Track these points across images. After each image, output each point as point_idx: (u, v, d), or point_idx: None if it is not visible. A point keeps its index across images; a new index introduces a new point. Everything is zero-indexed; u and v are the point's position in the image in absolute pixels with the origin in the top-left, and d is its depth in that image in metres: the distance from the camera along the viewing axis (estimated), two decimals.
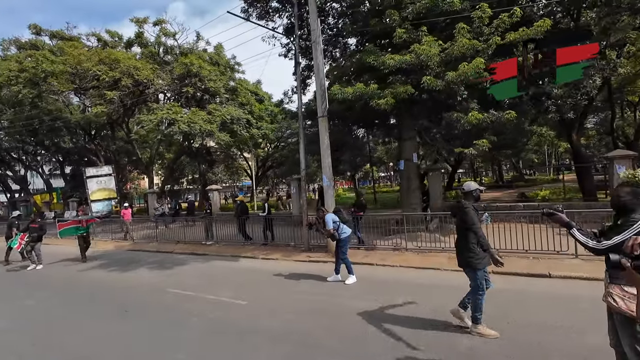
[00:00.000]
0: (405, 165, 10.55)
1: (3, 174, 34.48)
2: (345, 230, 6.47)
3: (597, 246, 2.42)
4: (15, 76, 18.71)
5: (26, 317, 5.81)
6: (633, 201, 2.44)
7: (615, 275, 2.44)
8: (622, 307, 2.39)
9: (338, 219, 6.47)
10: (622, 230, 2.39)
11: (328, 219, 6.35)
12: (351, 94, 8.06)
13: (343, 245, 6.43)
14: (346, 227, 6.52)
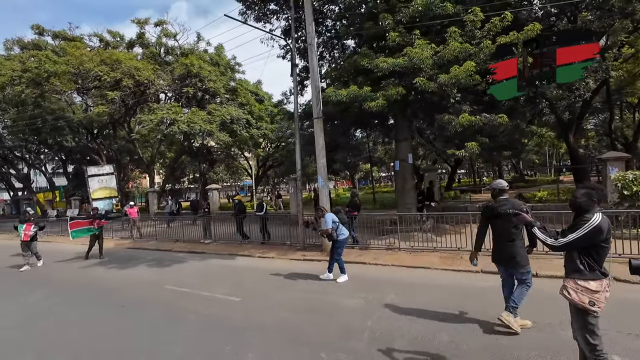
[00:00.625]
0: (401, 165, 10.69)
1: (6, 173, 34.85)
2: (343, 232, 6.51)
3: (554, 243, 2.65)
4: (18, 76, 18.98)
5: (30, 313, 6.01)
6: (587, 202, 2.63)
7: (571, 270, 2.66)
8: (575, 299, 2.60)
9: (338, 219, 6.50)
10: (576, 228, 2.58)
11: (328, 218, 6.41)
12: (345, 96, 8.21)
13: (340, 247, 6.49)
14: (344, 229, 6.57)
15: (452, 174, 28.12)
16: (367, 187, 44.42)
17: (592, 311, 2.58)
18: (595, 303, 2.56)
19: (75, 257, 11.30)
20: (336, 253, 6.48)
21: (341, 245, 6.50)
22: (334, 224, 6.36)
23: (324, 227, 6.38)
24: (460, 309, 4.79)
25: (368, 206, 20.72)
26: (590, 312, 2.58)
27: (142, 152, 26.59)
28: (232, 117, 18.21)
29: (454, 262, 7.33)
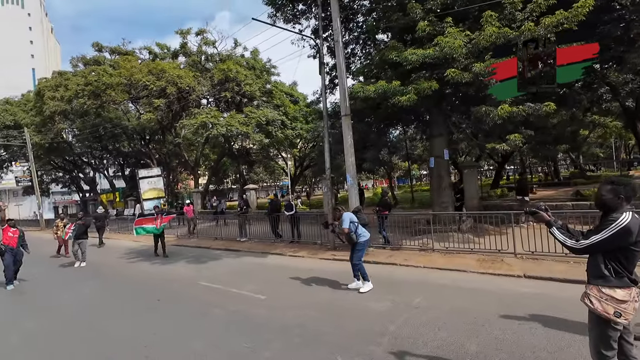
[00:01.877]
0: (436, 162, 10.16)
1: (76, 176, 39.18)
2: (364, 234, 5.94)
3: (575, 245, 2.33)
4: (81, 89, 21.20)
5: (80, 302, 6.65)
6: (613, 200, 2.27)
7: (594, 275, 2.31)
8: (598, 308, 2.28)
9: (357, 219, 5.98)
10: (601, 229, 2.23)
11: (345, 218, 5.86)
12: (373, 91, 7.96)
13: (360, 250, 5.92)
14: (365, 231, 6.00)
15: (498, 170, 26.22)
16: (406, 185, 43.02)
17: (617, 323, 2.22)
18: (622, 314, 2.20)
19: (127, 252, 12.32)
20: (355, 257, 5.89)
21: (362, 249, 5.93)
22: (352, 224, 5.80)
23: (342, 227, 5.82)
24: (495, 317, 4.39)
25: (405, 205, 20.04)
26: (614, 324, 2.22)
27: (188, 155, 28.29)
28: (267, 118, 18.66)
29: (493, 265, 6.77)
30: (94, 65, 22.42)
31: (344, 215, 5.93)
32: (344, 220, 5.81)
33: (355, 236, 5.78)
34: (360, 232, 5.87)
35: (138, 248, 13.42)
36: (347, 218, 5.85)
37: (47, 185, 41.88)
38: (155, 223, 10.56)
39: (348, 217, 5.89)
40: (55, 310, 6.18)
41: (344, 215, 5.93)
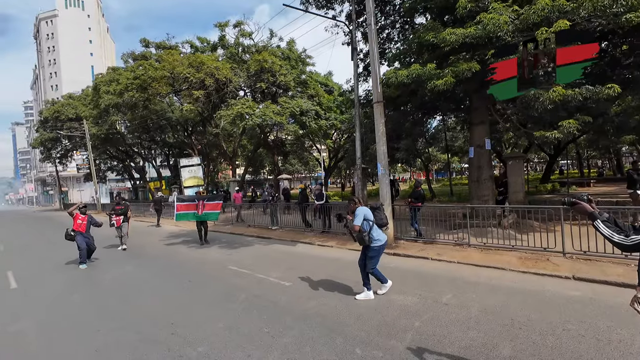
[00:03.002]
0: (476, 152, 9.47)
1: (128, 165, 42.44)
2: (379, 238, 4.92)
3: (624, 241, 1.96)
4: (130, 83, 22.69)
5: (119, 280, 7.14)
6: None
7: None
8: None
9: (372, 217, 4.95)
10: None
11: (359, 212, 4.83)
12: (406, 76, 7.53)
13: (374, 256, 4.93)
14: (381, 234, 5.00)
15: (550, 163, 24.09)
16: (446, 179, 41.12)
17: None
18: None
19: (168, 236, 13.09)
20: (370, 263, 4.95)
21: (375, 255, 4.94)
22: (366, 222, 4.83)
23: (354, 223, 4.82)
24: (535, 320, 3.98)
25: (443, 198, 19.17)
26: None
27: (227, 146, 29.32)
28: (301, 109, 18.64)
29: (536, 264, 6.18)
30: (141, 60, 23.82)
31: (359, 209, 4.88)
32: (357, 215, 4.82)
33: (368, 238, 4.81)
34: (374, 235, 4.88)
35: (178, 232, 14.21)
36: (360, 213, 4.83)
37: (103, 173, 45.90)
38: (197, 209, 10.37)
39: (362, 212, 4.85)
40: (98, 286, 6.68)
41: (359, 209, 4.88)
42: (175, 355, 3.60)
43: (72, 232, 8.42)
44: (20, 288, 6.81)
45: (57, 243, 13.53)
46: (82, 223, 8.56)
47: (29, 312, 5.31)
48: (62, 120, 35.43)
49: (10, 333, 4.50)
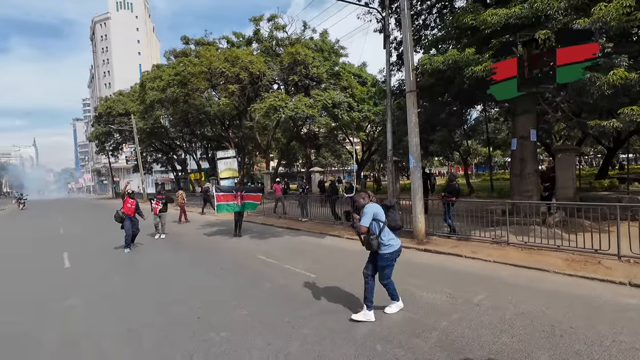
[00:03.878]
0: (519, 144, 8.78)
1: (171, 157, 45.02)
2: (391, 243, 4.00)
3: None
4: (172, 79, 23.85)
5: (155, 266, 7.57)
6: None
7: None
8: None
9: (384, 217, 4.03)
10: None
11: (368, 210, 3.97)
12: (442, 62, 7.08)
13: (386, 266, 4.07)
14: (394, 238, 4.07)
15: (608, 157, 21.82)
16: (486, 173, 38.83)
17: None
18: None
19: (205, 225, 13.70)
20: (382, 275, 4.11)
21: (388, 264, 4.06)
22: (376, 223, 3.97)
23: (360, 222, 3.99)
24: (580, 327, 3.59)
25: (482, 194, 18.13)
26: None
27: (261, 139, 29.97)
28: (333, 101, 18.47)
29: (585, 266, 5.60)
30: (181, 57, 24.90)
31: (368, 207, 4.01)
32: (366, 214, 3.95)
33: (377, 242, 3.95)
34: (385, 239, 3.98)
35: (214, 221, 14.82)
36: (369, 212, 3.96)
37: (149, 165, 49.14)
38: (235, 200, 10.23)
39: (372, 210, 3.97)
40: (138, 269, 7.14)
41: (368, 207, 4.01)
42: (200, 339, 3.73)
43: (122, 214, 8.95)
44: (72, 268, 7.47)
45: (107, 228, 14.67)
46: (131, 207, 9.08)
47: (78, 290, 5.79)
48: (113, 116, 38.29)
49: (63, 308, 4.94)
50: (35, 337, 3.99)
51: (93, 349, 3.66)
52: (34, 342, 3.87)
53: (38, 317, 4.64)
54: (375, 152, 30.97)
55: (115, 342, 3.80)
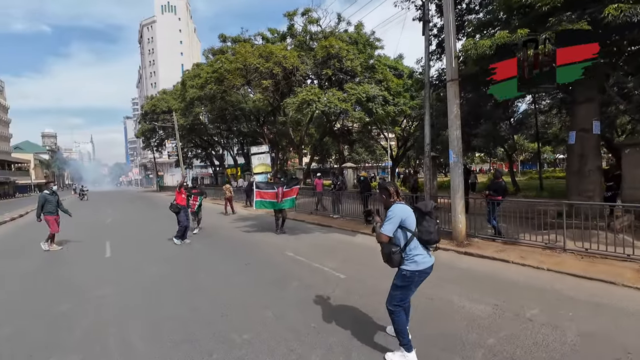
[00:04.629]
0: (579, 138, 7.77)
1: (209, 153, 46.82)
2: (416, 258, 2.99)
3: None
4: (210, 77, 24.55)
5: (187, 256, 7.69)
6: None
7: None
8: None
9: (413, 225, 3.01)
10: None
11: (394, 214, 2.96)
12: (489, 47, 6.38)
13: (403, 286, 3.05)
14: (424, 254, 3.03)
15: None
16: (534, 171, 36.05)
17: None
18: None
19: (238, 219, 13.92)
20: (393, 297, 3.11)
21: (407, 284, 3.05)
22: (401, 232, 2.99)
23: (382, 229, 3.01)
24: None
25: (530, 193, 16.69)
26: None
27: (294, 135, 30.05)
28: (367, 95, 17.88)
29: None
30: (219, 55, 25.53)
31: (395, 209, 2.99)
32: (390, 218, 2.96)
33: (399, 255, 2.98)
34: (411, 253, 2.98)
35: (247, 215, 15.03)
36: (396, 216, 2.95)
37: (190, 160, 51.52)
38: (277, 198, 9.85)
39: (399, 215, 2.95)
40: (172, 261, 7.26)
41: (395, 209, 2.99)
42: (221, 340, 3.58)
43: (177, 205, 9.02)
44: (112, 257, 7.81)
45: (149, 220, 15.41)
46: (185, 198, 9.26)
47: (113, 280, 5.97)
48: (157, 113, 40.49)
49: (96, 296, 5.08)
50: (67, 323, 4.09)
51: (116, 339, 3.65)
52: (67, 327, 3.96)
53: (75, 303, 4.80)
54: (411, 147, 29.83)
55: (137, 333, 3.78)
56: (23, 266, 7.20)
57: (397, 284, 3.10)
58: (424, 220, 3.05)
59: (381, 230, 3.01)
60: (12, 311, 4.65)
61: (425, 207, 3.09)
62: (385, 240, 3.01)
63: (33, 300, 5.04)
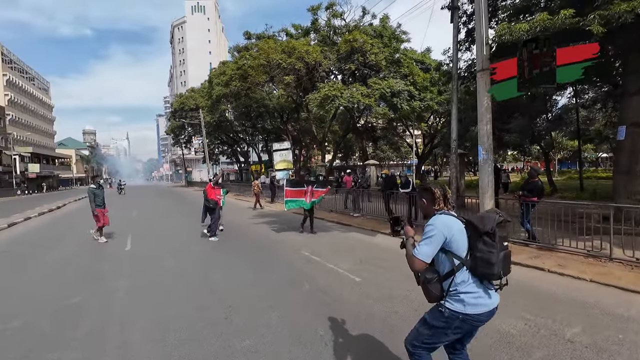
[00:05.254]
0: (629, 133, 6.91)
1: (235, 149, 47.67)
2: (467, 297, 2.02)
3: None
4: (234, 73, 24.81)
5: (202, 251, 7.64)
6: None
7: None
8: None
9: (464, 250, 2.03)
10: None
11: (434, 229, 2.03)
12: (526, 31, 5.75)
13: (442, 325, 2.09)
14: (480, 293, 2.04)
15: None
16: (573, 170, 33.65)
17: None
18: None
19: (257, 215, 13.89)
20: (413, 335, 2.27)
21: (443, 326, 2.09)
22: (445, 257, 2.06)
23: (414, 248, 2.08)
24: None
25: (569, 194, 15.42)
26: None
27: (317, 132, 29.80)
28: (392, 90, 17.26)
29: None
30: (243, 52, 25.73)
31: (436, 220, 2.08)
32: (428, 236, 2.04)
33: (439, 288, 2.09)
34: (460, 289, 2.03)
35: (267, 212, 14.98)
36: (437, 232, 2.02)
37: (216, 156, 52.75)
38: (305, 196, 9.34)
39: (441, 231, 2.02)
40: (187, 256, 7.24)
41: (436, 220, 2.08)
42: (222, 345, 3.37)
43: (211, 202, 9.01)
44: (131, 250, 7.92)
45: (174, 215, 15.74)
46: (219, 195, 9.23)
47: (128, 273, 6.00)
48: (185, 111, 41.71)
49: (106, 290, 5.08)
50: (74, 317, 4.06)
51: (118, 339, 3.55)
52: (72, 322, 3.92)
53: (86, 296, 4.81)
54: (438, 145, 28.68)
55: (141, 332, 3.66)
56: (52, 256, 7.46)
57: (429, 320, 2.14)
58: (481, 243, 1.95)
59: (415, 252, 2.02)
60: (27, 302, 4.73)
61: (483, 223, 1.96)
62: (419, 268, 2.06)
63: (49, 292, 5.11)
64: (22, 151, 49.84)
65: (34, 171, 52.09)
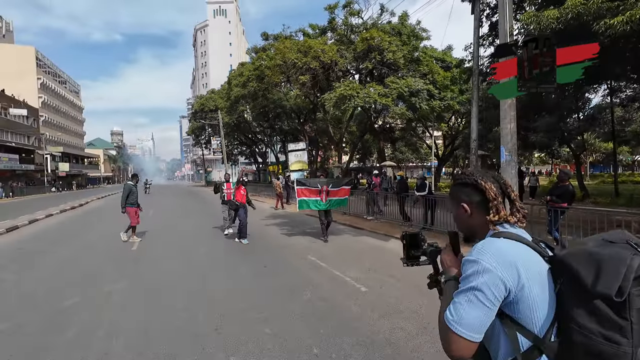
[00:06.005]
0: None
1: (253, 150, 48.09)
2: None
3: None
4: (251, 74, 24.89)
5: (209, 255, 7.47)
6: None
7: None
8: None
9: (544, 308, 0.95)
10: None
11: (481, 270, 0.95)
12: (556, 19, 5.18)
13: None
14: None
15: None
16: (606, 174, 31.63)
17: None
18: None
19: (268, 216, 13.70)
20: None
21: None
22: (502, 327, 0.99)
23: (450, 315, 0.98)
24: None
25: (602, 199, 14.32)
26: None
27: (334, 133, 29.44)
28: (410, 89, 16.66)
29: None
30: (261, 52, 25.79)
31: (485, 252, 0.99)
32: (472, 286, 0.96)
33: None
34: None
35: (281, 213, 14.78)
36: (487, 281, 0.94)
37: (235, 157, 53.44)
38: (320, 196, 8.66)
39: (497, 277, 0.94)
40: (192, 257, 7.09)
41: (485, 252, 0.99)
42: (205, 359, 3.09)
43: (236, 203, 8.55)
44: (137, 251, 7.86)
45: (190, 215, 15.83)
46: (244, 195, 8.75)
47: (127, 275, 5.87)
48: (205, 112, 42.46)
49: (102, 293, 4.95)
50: (63, 321, 3.91)
51: (100, 346, 3.34)
52: (60, 326, 3.77)
53: (81, 298, 4.70)
54: (459, 146, 27.64)
55: (124, 342, 3.44)
56: (60, 255, 7.54)
57: None
58: (588, 314, 0.89)
59: (450, 319, 0.98)
60: (25, 302, 4.66)
61: (598, 272, 0.87)
62: (464, 355, 0.96)
63: (48, 292, 5.04)
64: (53, 151, 52.40)
65: (63, 170, 54.69)
